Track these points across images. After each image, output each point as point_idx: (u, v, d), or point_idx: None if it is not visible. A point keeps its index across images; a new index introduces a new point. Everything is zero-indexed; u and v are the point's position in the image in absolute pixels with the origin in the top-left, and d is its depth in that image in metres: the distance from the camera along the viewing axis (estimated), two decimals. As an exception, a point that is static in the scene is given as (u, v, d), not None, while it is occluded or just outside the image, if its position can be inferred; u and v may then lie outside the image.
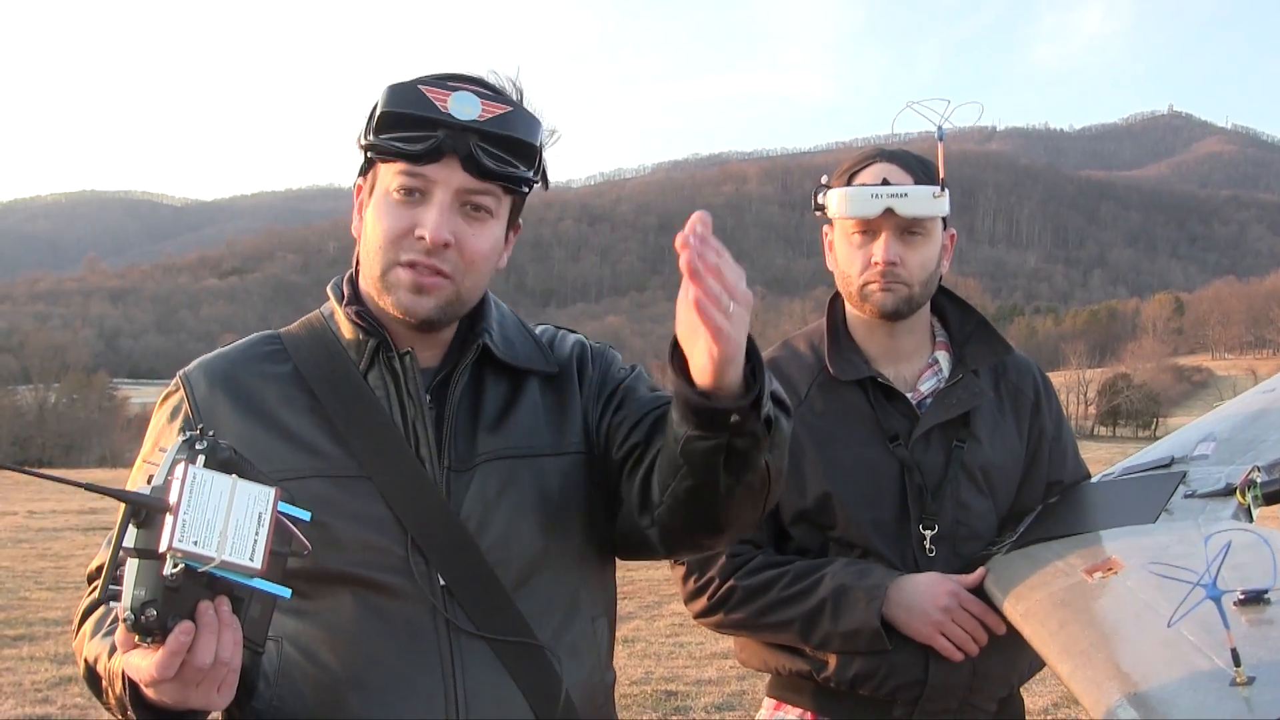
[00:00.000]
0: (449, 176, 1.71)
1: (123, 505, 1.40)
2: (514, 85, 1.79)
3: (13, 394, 69.22)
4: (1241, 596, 1.56)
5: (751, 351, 1.53)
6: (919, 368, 2.54)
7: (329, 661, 1.69)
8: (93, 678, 1.67)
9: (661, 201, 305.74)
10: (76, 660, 1.77)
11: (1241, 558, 1.57)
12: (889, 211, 2.39)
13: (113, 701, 1.60)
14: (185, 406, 1.80)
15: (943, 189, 2.42)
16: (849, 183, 2.46)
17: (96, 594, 1.80)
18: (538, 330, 1.99)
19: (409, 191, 1.72)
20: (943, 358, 2.56)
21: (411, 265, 1.72)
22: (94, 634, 1.70)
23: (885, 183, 2.41)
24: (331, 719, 1.68)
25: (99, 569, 1.81)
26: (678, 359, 1.56)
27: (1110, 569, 1.97)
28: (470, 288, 1.78)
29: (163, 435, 1.80)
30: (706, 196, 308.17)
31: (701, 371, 1.51)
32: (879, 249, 2.42)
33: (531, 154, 1.76)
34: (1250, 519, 2.07)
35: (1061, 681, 1.77)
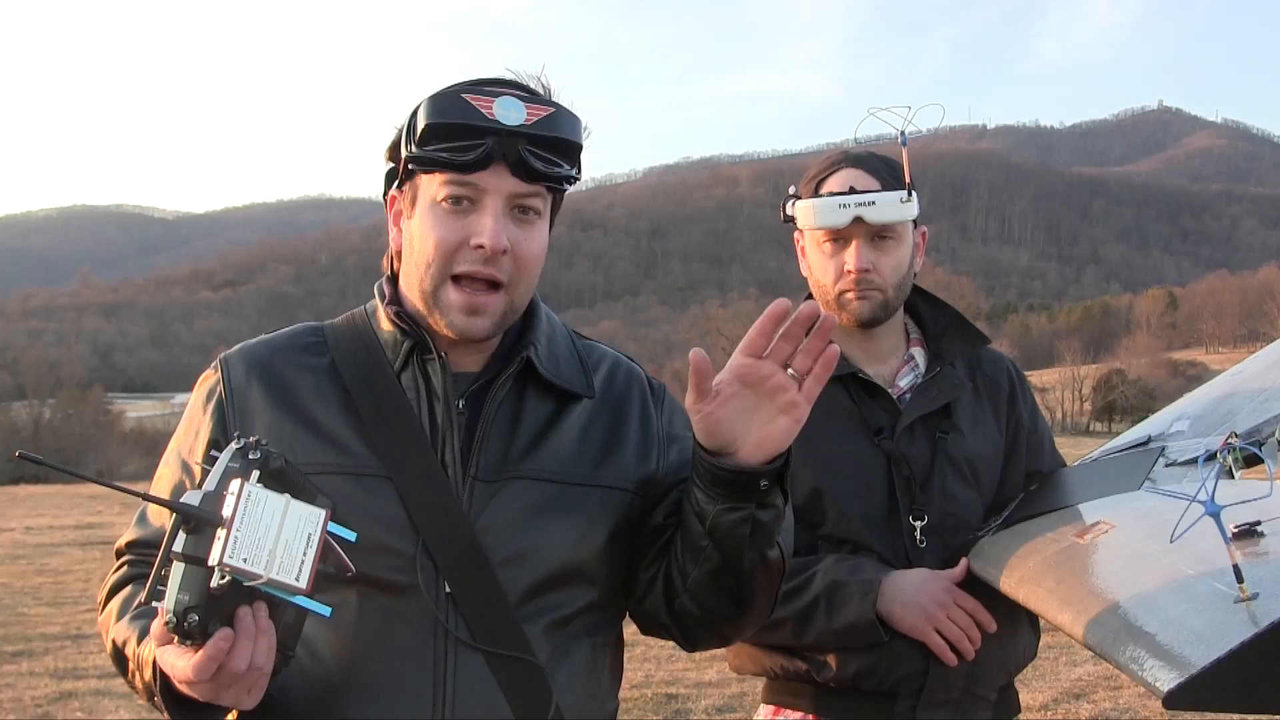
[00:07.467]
0: (499, 183, 1.69)
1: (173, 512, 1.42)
2: (543, 84, 1.77)
3: (8, 410, 68.74)
4: (1235, 531, 1.58)
5: None
6: (896, 365, 2.56)
7: (326, 656, 1.69)
8: (119, 658, 1.69)
9: (653, 206, 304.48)
10: (102, 637, 1.78)
11: (1228, 499, 1.60)
12: (858, 220, 2.39)
13: (139, 685, 1.63)
14: (220, 390, 1.80)
15: (910, 193, 2.41)
16: (816, 190, 2.47)
17: (124, 570, 1.82)
18: (586, 346, 1.96)
19: (457, 200, 1.70)
20: (918, 354, 2.58)
21: (465, 278, 1.71)
22: (121, 614, 1.72)
23: (852, 190, 2.40)
24: (320, 715, 1.68)
25: (129, 544, 1.83)
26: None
27: (1101, 530, 1.98)
28: (522, 294, 1.77)
29: (196, 418, 1.82)
30: (698, 201, 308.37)
31: (760, 446, 1.60)
32: (851, 257, 2.42)
33: (575, 152, 1.74)
34: (1232, 479, 2.07)
35: (1064, 632, 1.78)
